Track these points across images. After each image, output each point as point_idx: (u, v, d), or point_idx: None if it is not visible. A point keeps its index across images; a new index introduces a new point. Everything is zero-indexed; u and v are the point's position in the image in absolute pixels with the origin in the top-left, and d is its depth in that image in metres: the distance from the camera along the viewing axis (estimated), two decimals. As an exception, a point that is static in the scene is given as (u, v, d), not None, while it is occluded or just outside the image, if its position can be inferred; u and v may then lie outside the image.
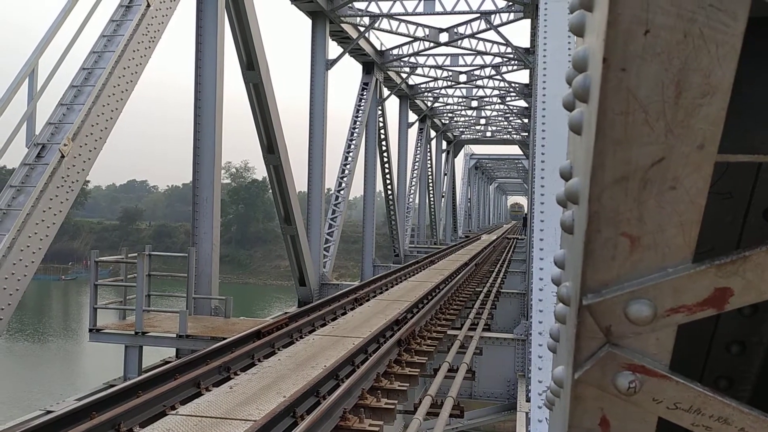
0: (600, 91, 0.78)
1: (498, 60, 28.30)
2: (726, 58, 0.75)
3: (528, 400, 8.28)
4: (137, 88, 9.98)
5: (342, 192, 23.61)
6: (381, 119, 27.71)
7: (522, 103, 36.22)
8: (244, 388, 6.86)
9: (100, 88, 9.13)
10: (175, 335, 10.47)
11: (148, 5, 10.08)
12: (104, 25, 9.83)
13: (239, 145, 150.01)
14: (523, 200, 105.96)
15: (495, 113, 41.85)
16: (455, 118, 44.84)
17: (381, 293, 15.14)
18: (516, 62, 27.61)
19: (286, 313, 13.23)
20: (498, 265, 24.65)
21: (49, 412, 7.33)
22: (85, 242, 79.24)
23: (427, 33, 24.80)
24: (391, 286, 16.48)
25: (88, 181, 77.12)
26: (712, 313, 0.89)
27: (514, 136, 47.39)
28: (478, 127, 48.21)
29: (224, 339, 9.34)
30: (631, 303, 0.88)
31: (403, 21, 23.80)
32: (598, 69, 0.77)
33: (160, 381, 7.18)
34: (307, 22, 20.49)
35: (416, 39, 25.06)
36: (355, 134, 23.98)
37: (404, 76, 31.10)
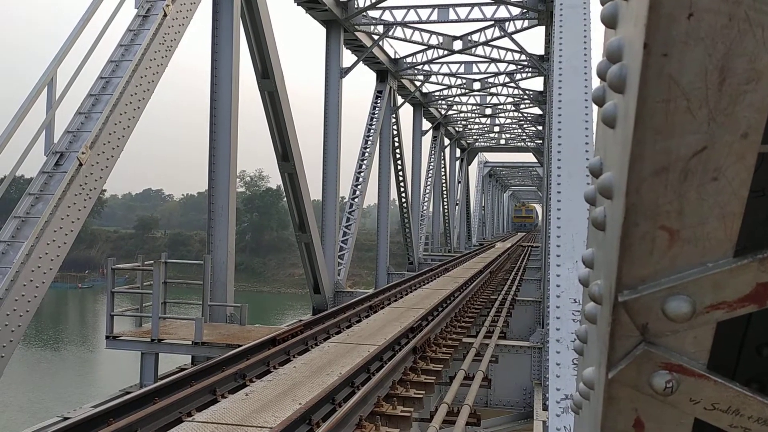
0: (640, 78, 0.75)
1: (512, 67, 28.26)
2: None
3: (545, 408, 8.21)
4: (154, 97, 10.07)
5: (356, 200, 23.64)
6: (395, 127, 27.78)
7: (536, 111, 36.14)
8: (259, 395, 6.85)
9: (117, 97, 9.21)
10: (190, 342, 10.51)
11: (165, 15, 10.16)
12: (122, 35, 9.93)
13: (254, 154, 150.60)
14: (535, 206, 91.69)
15: (509, 121, 41.79)
16: (469, 126, 44.83)
17: (395, 301, 15.09)
18: (530, 69, 27.57)
19: (300, 320, 13.24)
20: (513, 273, 24.55)
21: (66, 418, 7.36)
22: (101, 250, 79.85)
23: (440, 41, 24.83)
24: (406, 294, 16.43)
25: (105, 190, 77.96)
26: (753, 309, 0.86)
27: (528, 143, 47.28)
28: (492, 135, 48.16)
29: (240, 346, 9.34)
30: (669, 299, 0.85)
31: (417, 29, 23.84)
32: (638, 56, 0.75)
33: (176, 388, 7.19)
34: (322, 30, 20.62)
35: (430, 47, 25.11)
36: (369, 142, 24.05)
37: (418, 84, 31.15)
